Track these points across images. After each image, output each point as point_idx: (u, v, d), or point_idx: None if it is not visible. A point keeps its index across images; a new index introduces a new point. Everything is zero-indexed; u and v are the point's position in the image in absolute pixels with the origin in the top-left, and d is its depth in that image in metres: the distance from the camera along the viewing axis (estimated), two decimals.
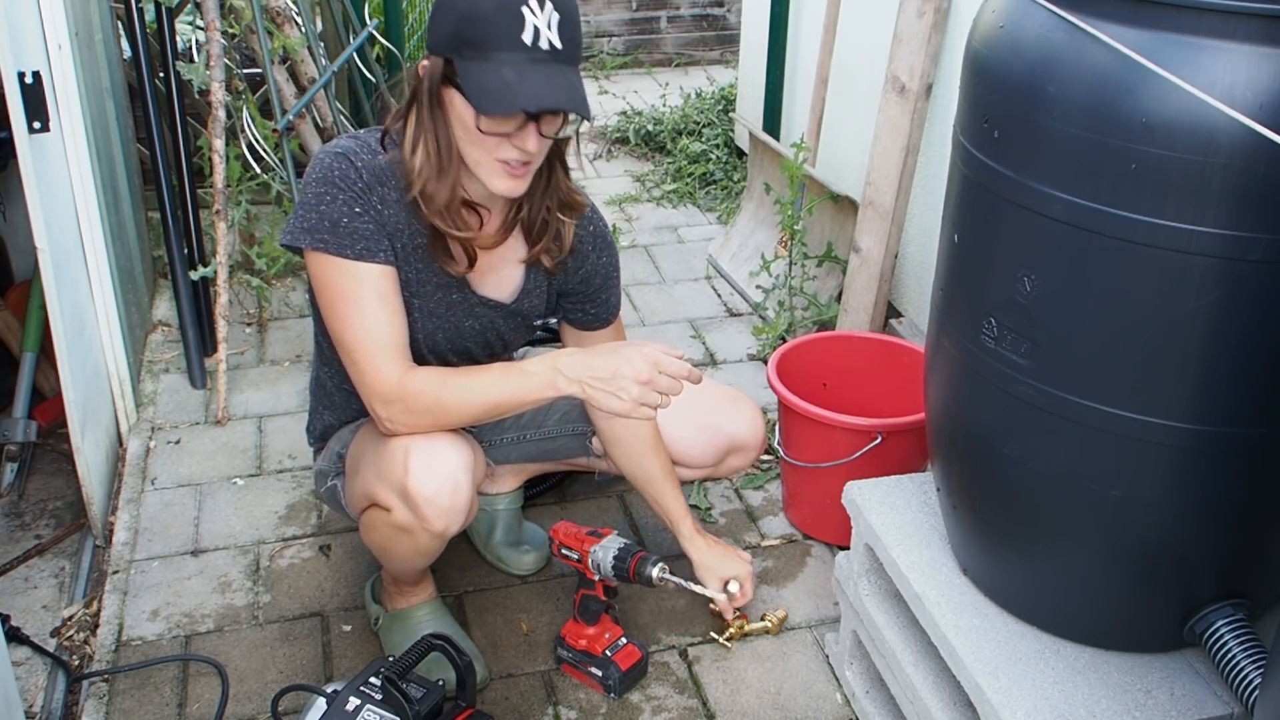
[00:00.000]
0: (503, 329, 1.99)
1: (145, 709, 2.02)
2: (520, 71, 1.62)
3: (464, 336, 1.95)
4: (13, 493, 2.60)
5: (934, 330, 1.73)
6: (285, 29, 3.27)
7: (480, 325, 1.95)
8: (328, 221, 1.75)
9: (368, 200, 1.76)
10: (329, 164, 1.76)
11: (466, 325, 1.94)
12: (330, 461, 2.05)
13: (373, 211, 1.77)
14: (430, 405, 1.77)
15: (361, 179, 1.76)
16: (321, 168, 1.77)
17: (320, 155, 1.78)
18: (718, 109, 4.64)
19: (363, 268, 1.76)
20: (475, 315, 1.94)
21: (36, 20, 2.29)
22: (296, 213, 1.78)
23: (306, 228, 1.76)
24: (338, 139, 1.83)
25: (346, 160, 1.76)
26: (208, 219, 3.23)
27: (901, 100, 2.71)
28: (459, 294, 1.90)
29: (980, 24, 1.54)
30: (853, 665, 2.05)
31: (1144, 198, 1.33)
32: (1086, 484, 1.51)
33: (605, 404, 1.72)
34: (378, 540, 1.94)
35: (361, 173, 1.76)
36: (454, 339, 1.94)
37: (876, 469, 2.13)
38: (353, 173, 1.76)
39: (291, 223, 1.78)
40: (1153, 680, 1.62)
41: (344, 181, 1.75)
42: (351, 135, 1.83)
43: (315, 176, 1.77)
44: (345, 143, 1.80)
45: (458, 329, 1.93)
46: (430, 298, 1.88)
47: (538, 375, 1.76)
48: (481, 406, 1.80)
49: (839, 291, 3.05)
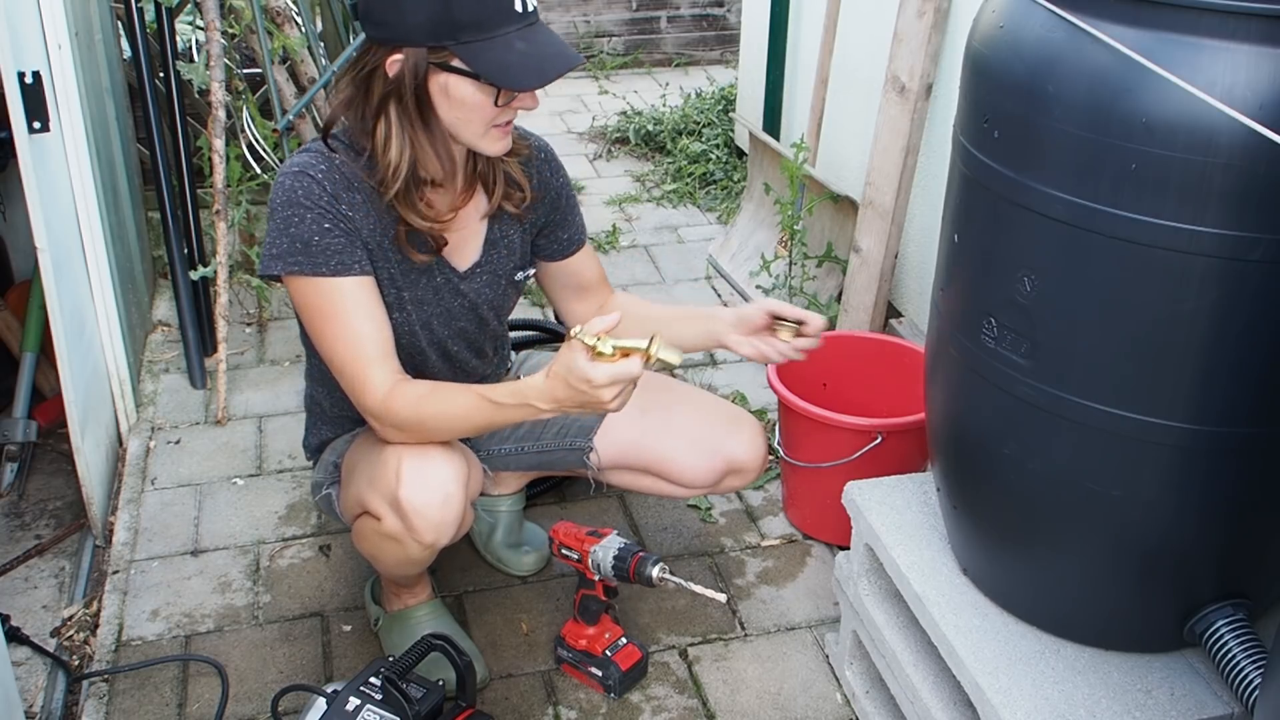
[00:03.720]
0: (490, 296, 1.98)
1: (145, 709, 2.02)
2: (528, 40, 1.67)
3: (456, 317, 1.95)
4: (13, 493, 2.60)
5: (934, 330, 1.73)
6: (285, 29, 3.27)
7: (469, 302, 1.95)
8: (299, 243, 1.74)
9: (335, 210, 1.75)
10: (290, 185, 1.75)
11: (455, 305, 1.94)
12: (325, 472, 2.05)
13: (343, 222, 1.76)
14: (414, 424, 1.77)
15: (326, 191, 1.75)
16: (284, 190, 1.75)
17: (280, 179, 1.77)
18: (718, 109, 4.64)
19: (340, 282, 1.76)
20: (460, 292, 1.94)
21: (36, 20, 2.29)
22: (267, 240, 1.77)
23: (278, 254, 1.76)
24: (291, 156, 1.82)
25: (307, 176, 1.75)
26: (208, 219, 3.23)
27: (901, 100, 2.71)
28: (441, 275, 1.90)
29: (980, 24, 1.54)
30: (853, 665, 2.05)
31: (1144, 198, 1.33)
32: (1086, 484, 1.51)
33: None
34: (368, 548, 1.94)
35: (324, 184, 1.75)
36: (448, 322, 1.94)
37: (876, 469, 2.13)
38: (315, 187, 1.75)
39: (264, 251, 1.78)
40: (1153, 680, 1.62)
41: (309, 199, 1.74)
42: (302, 149, 1.82)
43: (279, 200, 1.76)
44: (299, 159, 1.79)
45: (448, 311, 1.93)
46: (417, 285, 1.88)
47: (513, 408, 1.73)
48: (463, 430, 1.82)
49: (839, 291, 3.05)
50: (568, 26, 5.44)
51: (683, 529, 2.48)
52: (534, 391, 1.69)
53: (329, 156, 1.78)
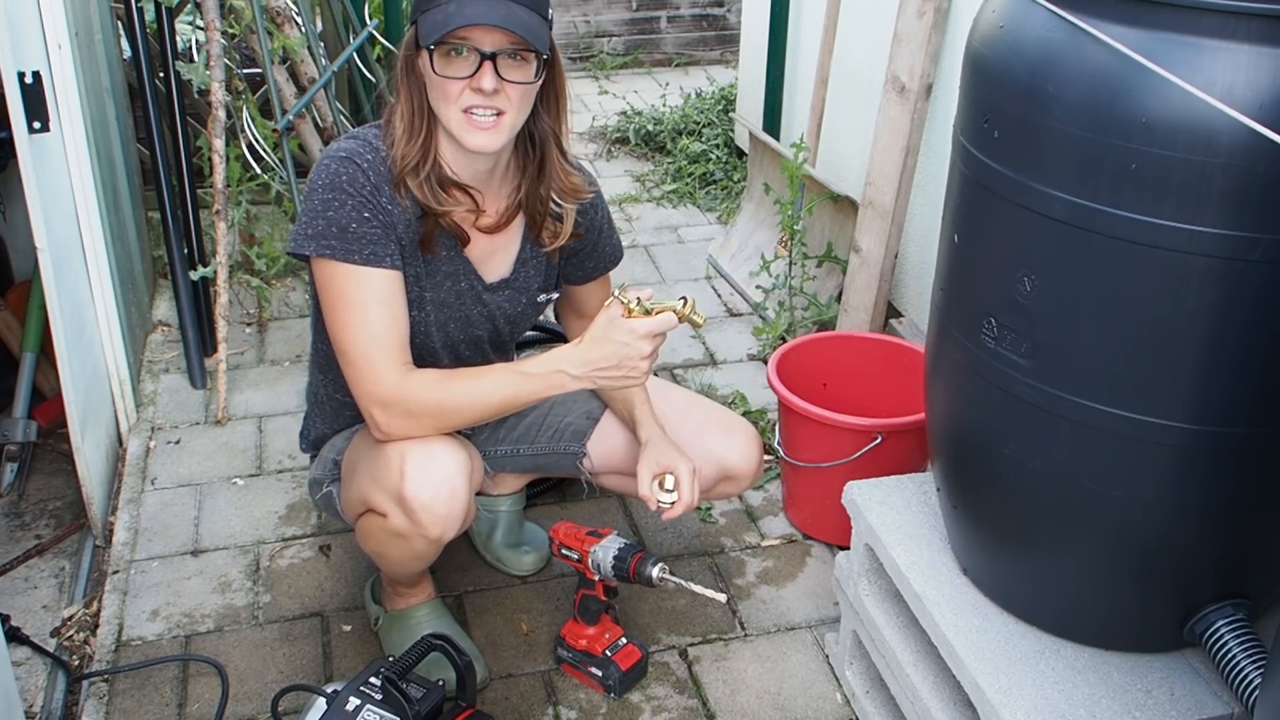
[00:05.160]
0: (510, 311, 1.98)
1: (145, 709, 2.02)
2: (460, 3, 1.66)
3: (473, 325, 1.95)
4: (13, 493, 2.60)
5: (934, 330, 1.73)
6: (285, 29, 3.27)
7: (488, 312, 1.95)
8: (335, 227, 1.74)
9: (376, 203, 1.76)
10: (335, 169, 1.76)
11: (475, 313, 1.94)
12: (325, 469, 2.05)
13: (381, 214, 1.77)
14: (433, 407, 1.77)
15: (370, 181, 1.76)
16: (327, 174, 1.76)
17: (325, 161, 1.78)
18: (718, 109, 4.64)
19: (368, 272, 1.76)
20: (482, 301, 1.94)
21: (36, 20, 2.29)
22: (302, 220, 1.78)
23: (313, 234, 1.76)
24: (338, 141, 1.82)
25: (352, 164, 1.76)
26: (208, 219, 3.23)
27: (901, 100, 2.71)
28: (466, 281, 1.91)
29: (980, 24, 1.54)
30: (853, 665, 2.05)
31: (1144, 198, 1.33)
32: (1086, 484, 1.51)
33: (620, 386, 1.76)
34: (373, 545, 1.94)
35: (369, 174, 1.76)
36: (464, 328, 1.94)
37: (876, 469, 2.13)
38: (360, 176, 1.76)
39: (297, 230, 1.78)
40: (1153, 680, 1.62)
41: (352, 186, 1.75)
42: (350, 135, 1.83)
43: (321, 183, 1.76)
44: (347, 145, 1.79)
45: (467, 317, 1.94)
46: (440, 288, 1.88)
47: (542, 376, 1.77)
48: (487, 407, 1.80)
49: (839, 291, 3.05)
50: (568, 26, 5.44)
51: (683, 529, 2.48)
52: (566, 358, 1.74)
53: (376, 148, 1.79)
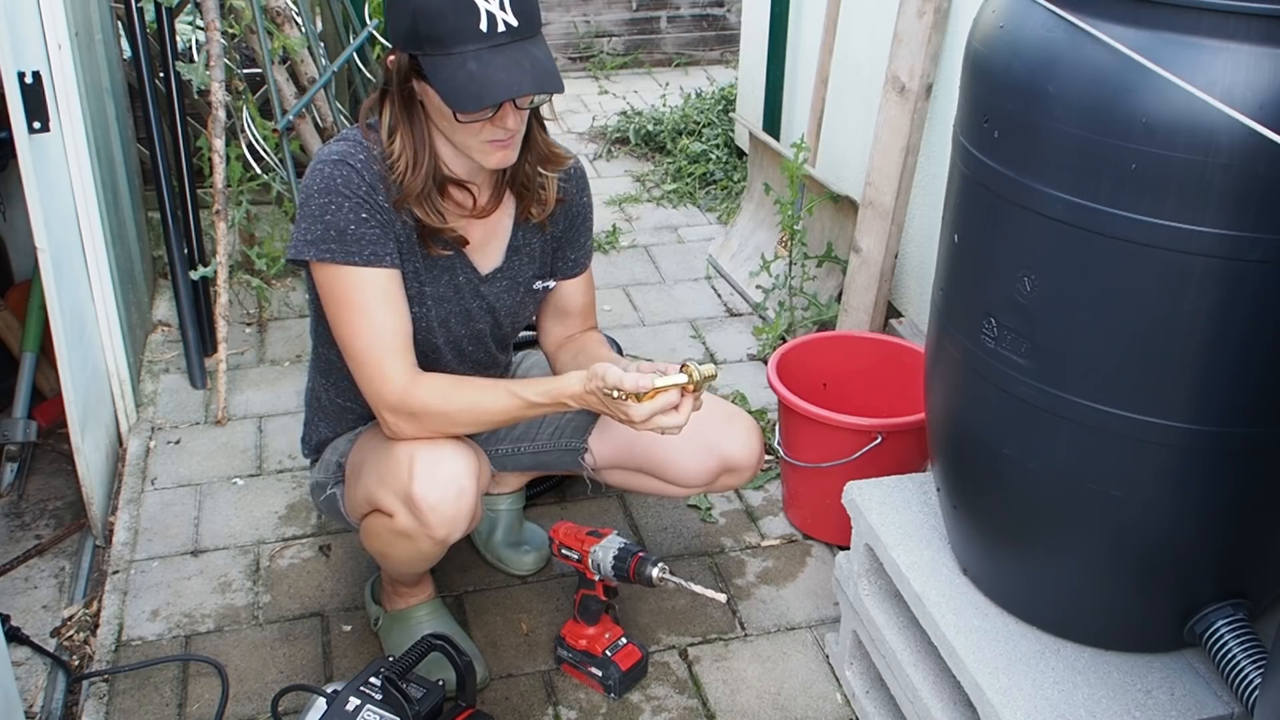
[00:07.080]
0: (509, 302, 1.99)
1: (145, 709, 2.02)
2: (482, 61, 1.64)
3: (474, 318, 1.96)
4: (13, 493, 2.60)
5: (934, 330, 1.73)
6: (285, 29, 3.27)
7: (487, 305, 1.96)
8: (334, 231, 1.75)
9: (373, 201, 1.76)
10: (329, 173, 1.76)
11: (474, 306, 1.94)
12: (328, 472, 2.05)
13: (379, 213, 1.77)
14: (436, 414, 1.79)
15: (365, 180, 1.76)
16: (322, 178, 1.76)
17: (318, 165, 1.78)
18: (718, 109, 4.64)
19: (370, 273, 1.76)
20: (480, 294, 1.94)
21: (36, 20, 2.29)
22: (300, 225, 1.78)
23: (311, 240, 1.76)
24: (328, 144, 1.82)
25: (346, 165, 1.76)
26: (208, 219, 3.23)
27: (901, 100, 2.71)
28: (463, 274, 1.91)
29: (980, 24, 1.54)
30: (853, 665, 2.05)
31: (1144, 198, 1.33)
32: (1086, 484, 1.51)
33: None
34: (378, 546, 1.94)
35: (363, 174, 1.76)
36: (465, 322, 1.95)
37: (876, 469, 2.13)
38: (355, 177, 1.76)
39: (295, 236, 1.78)
40: (1153, 680, 1.62)
41: (348, 188, 1.75)
42: (339, 138, 1.82)
43: (317, 187, 1.76)
44: (337, 147, 1.79)
45: (467, 311, 1.94)
46: (439, 282, 1.89)
47: (544, 408, 1.80)
48: (485, 424, 1.84)
49: (839, 291, 3.05)
50: (568, 26, 5.44)
51: (683, 529, 2.48)
52: (569, 396, 1.76)
53: (366, 146, 1.79)
